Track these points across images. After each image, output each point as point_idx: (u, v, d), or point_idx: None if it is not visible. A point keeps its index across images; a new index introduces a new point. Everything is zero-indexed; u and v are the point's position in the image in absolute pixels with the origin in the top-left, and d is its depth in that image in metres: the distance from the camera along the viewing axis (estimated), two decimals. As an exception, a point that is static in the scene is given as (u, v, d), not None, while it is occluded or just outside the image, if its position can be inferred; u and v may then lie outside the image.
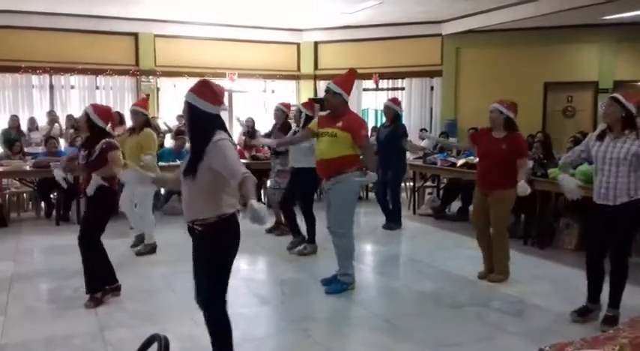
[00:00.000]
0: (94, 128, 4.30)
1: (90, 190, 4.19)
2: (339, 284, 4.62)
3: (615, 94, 3.82)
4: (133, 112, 5.85)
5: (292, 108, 7.29)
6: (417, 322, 4.03)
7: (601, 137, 3.81)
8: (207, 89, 2.80)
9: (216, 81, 3.03)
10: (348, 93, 4.64)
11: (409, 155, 8.58)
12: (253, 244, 6.15)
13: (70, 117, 10.07)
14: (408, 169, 8.15)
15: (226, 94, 2.67)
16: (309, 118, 5.83)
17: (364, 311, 4.26)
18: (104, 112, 4.40)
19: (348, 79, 4.71)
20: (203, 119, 2.78)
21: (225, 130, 2.84)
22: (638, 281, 4.41)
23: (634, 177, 3.64)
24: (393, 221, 7.23)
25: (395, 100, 7.36)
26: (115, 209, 4.45)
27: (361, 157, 4.63)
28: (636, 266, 4.82)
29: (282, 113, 6.60)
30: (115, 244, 4.66)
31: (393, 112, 7.09)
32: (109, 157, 4.22)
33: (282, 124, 6.57)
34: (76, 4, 9.77)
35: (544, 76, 11.35)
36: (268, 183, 8.08)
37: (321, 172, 4.69)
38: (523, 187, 4.57)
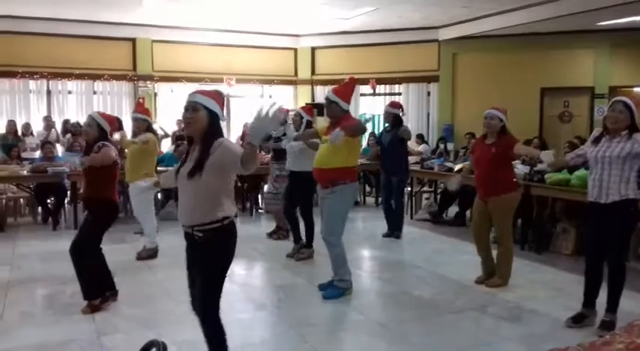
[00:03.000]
0: (100, 131, 4.36)
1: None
2: (336, 289, 4.62)
3: (625, 100, 3.74)
4: (134, 119, 5.90)
5: (291, 113, 7.29)
6: (414, 327, 4.02)
7: (596, 141, 3.84)
8: (218, 95, 2.88)
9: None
10: (347, 101, 4.61)
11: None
12: (250, 249, 6.15)
13: (66, 122, 10.07)
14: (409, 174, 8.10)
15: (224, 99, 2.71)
16: (309, 123, 5.95)
17: (361, 316, 4.26)
18: (110, 117, 4.57)
19: (347, 87, 4.69)
20: (216, 122, 2.81)
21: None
22: (635, 286, 4.43)
23: (626, 176, 3.67)
24: (398, 229, 7.03)
25: (393, 104, 7.22)
26: (114, 219, 4.42)
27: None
28: (634, 272, 4.85)
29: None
30: (115, 249, 4.65)
31: (392, 115, 7.00)
32: (101, 151, 4.25)
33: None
34: (73, 10, 9.79)
35: (540, 82, 11.40)
36: (266, 188, 8.07)
37: (317, 179, 4.71)
38: (548, 154, 4.25)
